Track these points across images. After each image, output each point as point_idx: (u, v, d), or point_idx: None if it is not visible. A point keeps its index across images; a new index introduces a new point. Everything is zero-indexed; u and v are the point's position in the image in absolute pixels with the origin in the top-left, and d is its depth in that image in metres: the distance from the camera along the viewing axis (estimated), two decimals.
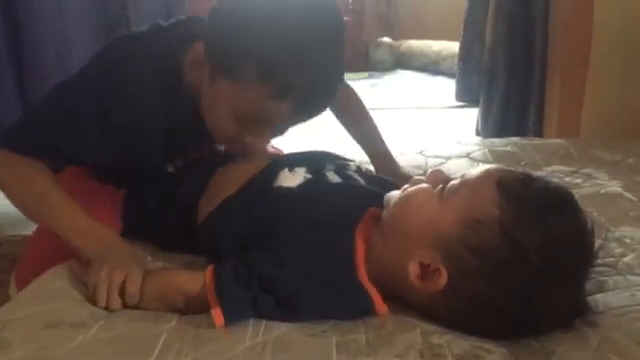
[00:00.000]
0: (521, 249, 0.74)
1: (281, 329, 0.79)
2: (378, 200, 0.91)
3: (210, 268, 0.85)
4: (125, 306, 0.86)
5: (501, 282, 0.75)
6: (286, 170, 0.99)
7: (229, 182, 1.02)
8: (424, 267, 0.80)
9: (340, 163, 1.05)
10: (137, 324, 0.82)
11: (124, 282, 0.86)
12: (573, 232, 0.77)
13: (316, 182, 0.98)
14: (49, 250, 1.05)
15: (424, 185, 0.86)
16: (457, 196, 0.80)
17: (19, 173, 1.03)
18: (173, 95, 1.04)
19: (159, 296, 0.87)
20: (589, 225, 0.78)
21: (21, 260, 1.23)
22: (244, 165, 1.05)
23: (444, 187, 0.83)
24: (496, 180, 0.79)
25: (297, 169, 0.99)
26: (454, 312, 0.78)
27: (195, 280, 0.84)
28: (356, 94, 1.37)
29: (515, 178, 0.80)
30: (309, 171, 0.99)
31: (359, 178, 1.01)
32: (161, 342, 0.76)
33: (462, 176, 0.83)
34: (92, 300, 0.87)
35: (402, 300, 0.84)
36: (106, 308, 0.86)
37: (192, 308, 0.84)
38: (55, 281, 0.94)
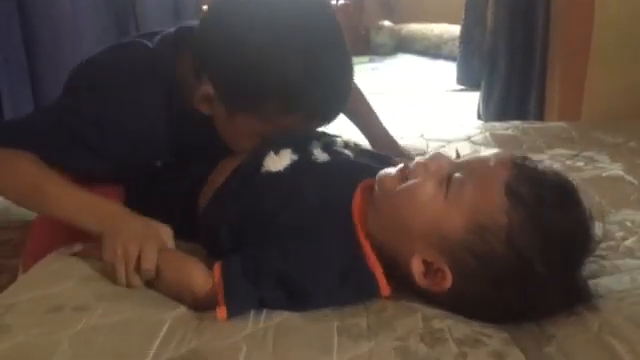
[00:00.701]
0: (527, 259, 0.74)
1: (282, 315, 0.79)
2: (369, 172, 0.90)
3: (218, 266, 0.84)
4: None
5: (505, 286, 0.75)
6: (272, 153, 0.96)
7: (223, 173, 1.01)
8: (427, 264, 0.79)
9: (327, 139, 1.03)
10: (141, 309, 0.82)
11: (139, 258, 0.86)
12: (577, 233, 0.77)
13: (303, 163, 0.95)
14: (55, 234, 1.04)
15: (428, 179, 0.81)
16: (464, 197, 0.77)
17: (9, 166, 0.99)
18: (175, 118, 1.03)
19: (171, 285, 0.87)
20: (590, 220, 0.78)
21: (26, 246, 1.23)
22: (237, 157, 1.03)
23: (449, 180, 0.79)
24: (505, 184, 0.76)
25: (282, 151, 0.96)
26: (456, 307, 0.78)
27: (206, 283, 0.83)
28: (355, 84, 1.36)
29: (524, 180, 0.76)
30: (295, 151, 0.97)
31: (348, 152, 1.00)
32: (165, 328, 0.76)
33: (467, 165, 0.81)
34: (113, 279, 0.87)
35: (402, 279, 0.83)
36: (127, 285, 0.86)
37: (199, 307, 0.83)
38: (57, 263, 0.93)
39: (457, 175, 0.79)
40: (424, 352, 0.71)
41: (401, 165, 0.86)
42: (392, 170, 0.86)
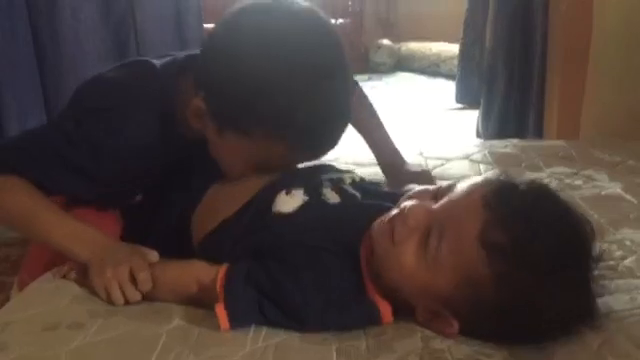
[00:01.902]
0: (525, 296, 0.74)
1: (282, 335, 0.79)
2: (378, 213, 0.90)
3: (225, 265, 0.85)
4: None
5: (514, 318, 0.75)
6: (283, 193, 0.95)
7: (226, 201, 1.00)
8: (432, 311, 0.79)
9: (335, 177, 1.01)
10: (136, 324, 0.82)
11: (131, 275, 0.87)
12: (569, 257, 0.76)
13: (314, 205, 0.94)
14: (47, 254, 1.04)
15: (408, 245, 0.80)
16: (443, 259, 0.77)
17: (1, 191, 0.99)
18: (171, 140, 1.03)
19: (172, 283, 0.88)
20: (588, 240, 0.78)
21: (22, 264, 1.23)
22: (238, 184, 1.02)
23: (427, 240, 0.79)
24: (479, 235, 0.75)
25: (294, 191, 0.96)
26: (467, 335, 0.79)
27: (211, 270, 0.85)
28: (366, 96, 1.35)
29: (498, 223, 0.75)
30: (306, 192, 0.96)
31: (355, 192, 0.99)
32: (160, 344, 0.76)
33: (443, 212, 0.80)
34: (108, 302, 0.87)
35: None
36: (126, 302, 0.86)
37: (205, 297, 0.84)
38: (52, 282, 0.94)
39: (433, 233, 0.79)
40: None
41: (391, 214, 0.85)
42: (384, 223, 0.85)
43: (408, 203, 0.84)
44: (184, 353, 0.74)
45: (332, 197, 0.96)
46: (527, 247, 0.74)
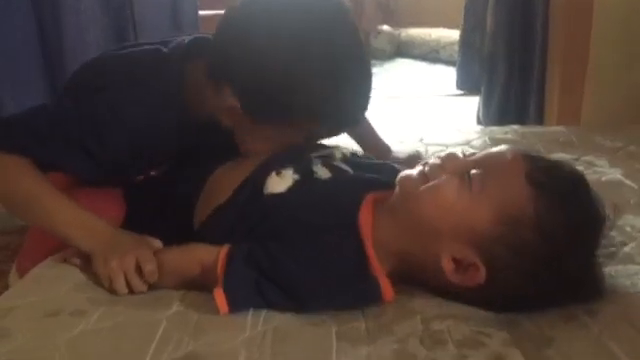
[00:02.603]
0: (557, 246, 0.76)
1: (281, 318, 0.79)
2: (372, 186, 0.91)
3: (226, 246, 0.85)
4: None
5: (534, 276, 0.76)
6: (273, 174, 0.96)
7: (221, 187, 1.00)
8: (457, 261, 0.79)
9: (325, 154, 1.02)
10: (137, 311, 0.82)
11: (137, 265, 0.87)
12: (597, 217, 0.80)
13: (306, 183, 0.95)
14: (49, 239, 1.04)
15: (450, 177, 0.82)
16: (489, 190, 0.79)
17: (4, 175, 0.98)
18: (175, 124, 1.03)
19: (177, 268, 0.88)
20: (604, 207, 0.81)
21: (22, 249, 1.23)
22: (236, 168, 1.03)
23: (469, 177, 0.80)
24: (525, 174, 0.78)
25: (284, 171, 0.96)
26: (483, 299, 0.79)
27: (213, 251, 0.85)
28: None
29: (542, 170, 0.79)
30: (297, 171, 0.96)
31: (347, 167, 1.00)
32: (161, 330, 0.76)
33: (484, 162, 0.82)
34: (111, 290, 0.87)
35: (420, 284, 0.84)
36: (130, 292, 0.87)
37: (207, 279, 0.84)
38: (54, 268, 0.94)
39: (476, 171, 0.81)
40: (423, 355, 0.71)
41: (420, 167, 0.86)
42: (413, 172, 0.87)
43: (440, 155, 0.86)
44: (184, 340, 0.75)
45: (323, 173, 0.97)
46: (569, 196, 0.78)
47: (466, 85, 3.18)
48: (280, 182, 0.95)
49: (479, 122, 2.49)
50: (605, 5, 1.99)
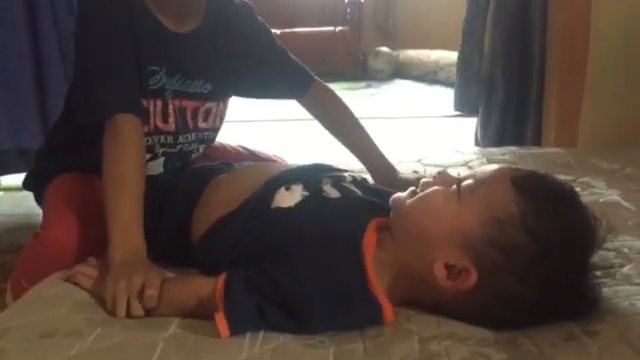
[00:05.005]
0: (544, 244, 0.77)
1: (279, 340, 0.78)
2: (378, 210, 0.91)
3: (224, 274, 0.85)
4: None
5: (525, 277, 0.77)
6: (282, 189, 0.96)
7: (224, 199, 1.00)
8: (449, 267, 0.80)
9: (336, 175, 1.03)
10: (134, 332, 0.81)
11: (141, 288, 0.87)
12: (585, 220, 0.81)
13: (314, 199, 0.95)
14: (43, 258, 1.04)
15: (439, 187, 0.85)
16: (475, 196, 0.81)
17: (116, 146, 1.03)
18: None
19: (175, 300, 0.87)
20: (592, 212, 0.82)
21: (15, 269, 1.23)
22: (239, 182, 1.03)
23: (459, 187, 0.83)
24: (510, 179, 0.81)
25: (293, 187, 0.97)
26: (478, 308, 0.80)
27: (210, 284, 0.85)
28: (343, 102, 1.37)
29: (527, 176, 0.83)
30: (306, 188, 0.97)
31: (356, 189, 1.00)
32: (158, 352, 0.76)
33: (473, 176, 0.85)
34: (111, 310, 0.87)
35: (417, 303, 0.84)
36: (127, 315, 0.86)
37: (205, 310, 0.83)
38: (51, 289, 0.93)
39: (467, 182, 0.83)
40: None
41: (411, 187, 0.89)
42: (403, 193, 0.90)
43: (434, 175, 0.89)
44: None
45: (332, 192, 0.97)
46: (555, 199, 0.80)
47: (464, 106, 3.20)
48: (289, 197, 0.95)
49: (477, 143, 2.49)
50: (602, 29, 2.00)
